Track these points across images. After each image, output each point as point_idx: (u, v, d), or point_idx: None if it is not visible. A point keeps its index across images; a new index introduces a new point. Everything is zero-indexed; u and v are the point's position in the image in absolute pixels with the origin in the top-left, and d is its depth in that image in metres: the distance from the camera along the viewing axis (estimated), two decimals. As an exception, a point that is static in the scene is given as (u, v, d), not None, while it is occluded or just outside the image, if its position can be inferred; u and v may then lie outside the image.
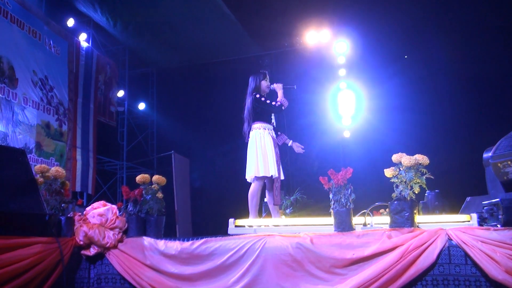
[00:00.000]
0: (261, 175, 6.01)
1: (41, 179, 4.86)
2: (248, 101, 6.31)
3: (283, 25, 11.04)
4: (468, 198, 5.68)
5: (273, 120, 6.41)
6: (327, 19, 11.11)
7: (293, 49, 12.12)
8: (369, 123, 10.94)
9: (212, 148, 12.59)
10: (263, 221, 5.30)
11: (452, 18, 9.98)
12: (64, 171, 5.07)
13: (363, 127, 11.09)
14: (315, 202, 7.34)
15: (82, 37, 11.24)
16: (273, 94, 6.47)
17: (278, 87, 6.42)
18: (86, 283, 4.87)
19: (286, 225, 4.93)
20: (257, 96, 6.23)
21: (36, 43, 9.53)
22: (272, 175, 6.03)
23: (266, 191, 6.30)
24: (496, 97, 9.50)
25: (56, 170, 4.95)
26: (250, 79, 6.46)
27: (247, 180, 6.23)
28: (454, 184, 8.15)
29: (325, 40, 11.49)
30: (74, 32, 11.04)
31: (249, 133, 6.29)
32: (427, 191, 6.29)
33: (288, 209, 7.80)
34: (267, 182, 6.27)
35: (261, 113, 6.26)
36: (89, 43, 11.46)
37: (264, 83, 6.42)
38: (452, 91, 10.07)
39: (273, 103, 6.22)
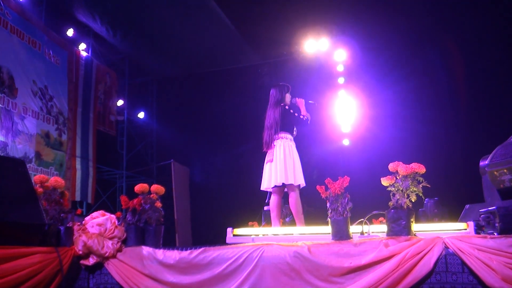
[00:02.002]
0: (289, 182, 6.06)
1: (40, 189, 4.88)
2: (276, 112, 6.37)
3: (282, 33, 11.07)
4: (467, 206, 5.70)
5: (295, 132, 6.52)
6: (326, 28, 11.14)
7: (292, 58, 12.14)
8: (368, 131, 10.93)
9: (212, 157, 12.62)
10: (261, 230, 5.32)
11: (450, 28, 10.01)
12: (63, 181, 5.08)
13: (363, 135, 11.08)
14: (315, 210, 7.35)
15: (82, 47, 11.30)
16: (293, 108, 6.55)
17: (301, 102, 6.53)
18: (86, 293, 4.89)
19: (284, 234, 4.95)
20: (286, 107, 6.37)
21: (36, 53, 9.59)
22: (299, 184, 6.14)
23: (276, 200, 6.33)
24: (495, 105, 9.52)
25: (55, 180, 4.97)
26: (274, 90, 6.55)
27: (263, 188, 6.35)
28: (453, 192, 8.18)
29: (324, 49, 11.52)
30: (74, 42, 11.11)
31: (272, 142, 6.32)
32: (426, 199, 6.32)
33: (288, 218, 7.82)
34: (280, 192, 6.32)
35: (287, 124, 6.36)
36: (88, 53, 11.51)
37: (288, 96, 6.53)
38: (451, 99, 10.10)
39: (301, 116, 6.37)
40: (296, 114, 6.35)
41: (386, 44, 10.61)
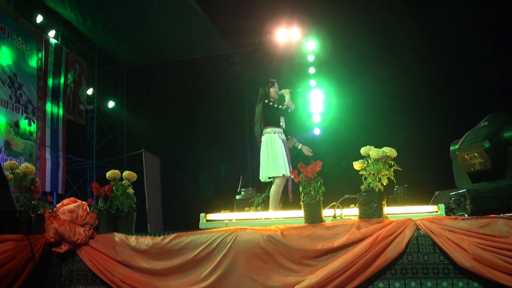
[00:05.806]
0: (271, 175, 6.38)
1: (10, 176, 4.81)
2: (259, 107, 6.70)
3: (254, 23, 11.08)
4: (436, 192, 5.81)
5: (282, 123, 6.70)
6: (297, 18, 11.17)
7: (263, 47, 12.15)
8: (338, 121, 11.04)
9: (183, 146, 12.57)
10: (234, 215, 5.32)
11: (420, 17, 10.11)
12: (33, 167, 5.02)
13: (333, 124, 11.19)
14: (286, 198, 7.40)
15: (51, 34, 11.10)
16: (282, 100, 6.78)
17: (286, 92, 6.79)
18: (58, 281, 4.82)
19: (257, 219, 4.96)
20: (265, 101, 6.62)
21: (5, 40, 9.38)
22: (283, 175, 6.35)
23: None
24: (462, 92, 9.67)
25: (26, 166, 4.91)
26: (260, 88, 6.86)
27: (261, 180, 6.66)
28: (422, 179, 8.29)
29: (295, 39, 11.56)
30: (43, 28, 10.88)
31: (260, 136, 6.62)
32: (396, 186, 6.40)
33: (260, 206, 7.84)
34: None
35: (270, 118, 6.61)
36: (58, 40, 11.32)
37: (273, 90, 6.79)
38: (418, 88, 10.24)
39: (280, 106, 6.60)
40: (275, 105, 6.59)
41: (356, 34, 10.67)
